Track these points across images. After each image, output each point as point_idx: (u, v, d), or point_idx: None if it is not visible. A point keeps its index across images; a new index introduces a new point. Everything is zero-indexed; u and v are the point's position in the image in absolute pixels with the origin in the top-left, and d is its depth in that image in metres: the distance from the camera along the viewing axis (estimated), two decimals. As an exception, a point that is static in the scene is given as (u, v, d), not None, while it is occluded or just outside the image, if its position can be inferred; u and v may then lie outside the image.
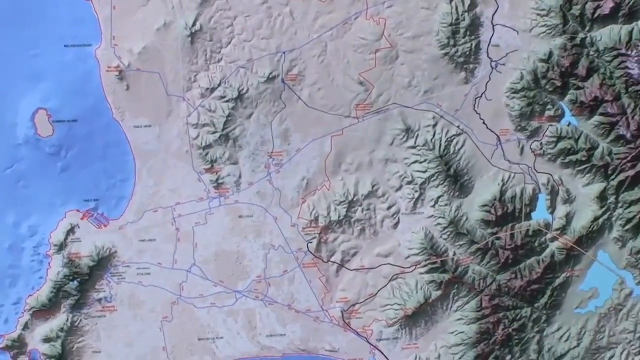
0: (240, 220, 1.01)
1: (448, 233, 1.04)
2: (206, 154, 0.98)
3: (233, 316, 1.03)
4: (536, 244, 1.05)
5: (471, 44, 1.03)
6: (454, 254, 1.04)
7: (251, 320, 1.03)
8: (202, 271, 1.02)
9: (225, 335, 1.03)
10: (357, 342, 1.05)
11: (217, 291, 1.02)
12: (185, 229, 1.00)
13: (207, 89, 0.97)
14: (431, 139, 1.03)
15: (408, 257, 1.04)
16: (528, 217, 1.07)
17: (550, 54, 1.04)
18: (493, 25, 1.03)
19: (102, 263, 1.00)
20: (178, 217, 1.00)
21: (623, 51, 1.05)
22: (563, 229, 1.05)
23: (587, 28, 1.05)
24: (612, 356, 1.11)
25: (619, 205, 1.06)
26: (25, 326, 1.01)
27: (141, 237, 1.00)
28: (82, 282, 0.99)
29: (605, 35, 1.05)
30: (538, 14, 1.02)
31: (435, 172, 1.03)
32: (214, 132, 0.97)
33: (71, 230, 0.98)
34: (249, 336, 1.03)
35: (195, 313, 1.02)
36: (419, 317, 1.06)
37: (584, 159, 1.07)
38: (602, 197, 1.06)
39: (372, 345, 1.05)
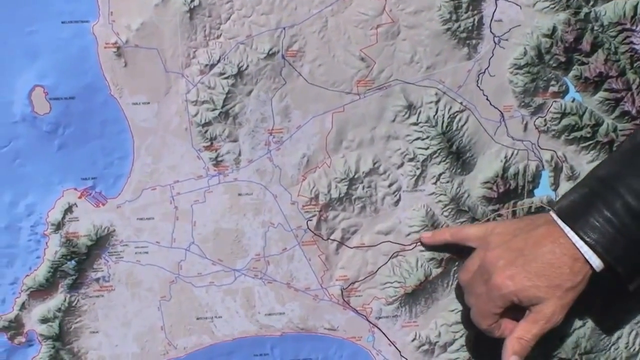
0: (239, 198, 1.06)
1: (449, 210, 1.13)
2: (205, 132, 1.03)
3: (232, 295, 1.08)
4: (538, 221, 1.07)
5: (474, 19, 1.10)
6: (455, 232, 1.06)
7: (250, 299, 1.08)
8: (200, 250, 1.08)
9: (224, 315, 1.09)
10: (357, 321, 1.12)
11: (216, 270, 1.08)
12: (184, 207, 1.04)
13: (207, 65, 1.02)
14: (434, 116, 1.11)
15: (409, 234, 1.13)
16: (531, 194, 1.15)
17: (554, 29, 1.11)
18: (496, 0, 1.12)
19: (100, 242, 1.05)
20: (177, 196, 1.05)
21: (628, 26, 1.13)
22: (566, 207, 1.07)
23: (591, 2, 1.13)
24: (619, 337, 1.20)
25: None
26: (22, 307, 1.05)
27: (139, 215, 1.04)
28: (80, 261, 1.04)
29: (610, 9, 1.12)
30: (541, -12, 1.02)
31: (438, 149, 1.12)
32: (214, 110, 1.03)
33: (69, 209, 1.03)
34: (247, 315, 1.09)
35: (193, 292, 1.08)
36: (419, 294, 1.13)
37: (588, 135, 1.15)
38: (606, 174, 1.06)
39: (371, 323, 1.13)
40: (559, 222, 0.84)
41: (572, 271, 0.82)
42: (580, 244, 0.82)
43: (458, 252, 1.12)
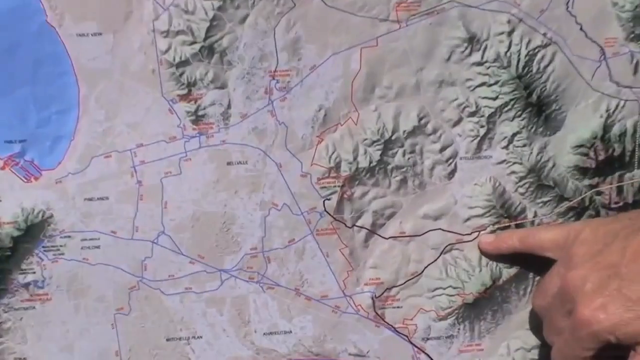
0: (228, 168, 1.09)
1: (527, 185, 1.15)
2: (181, 75, 1.05)
3: (217, 306, 1.11)
4: (654, 201, 1.10)
5: None
6: (535, 215, 1.14)
7: (243, 311, 1.11)
8: (173, 242, 1.11)
9: (206, 334, 1.12)
10: (395, 343, 1.14)
11: (195, 270, 1.11)
12: (151, 182, 1.08)
13: (183, -21, 0.98)
14: (505, 52, 1.13)
15: (468, 219, 1.15)
16: (643, 163, 1.17)
17: None
18: None
19: (32, 232, 1.07)
20: (140, 166, 1.08)
21: None
22: (692, 181, 1.10)
23: None
24: None
25: None
26: None
27: (88, 194, 1.07)
28: (3, 259, 1.06)
29: None
30: None
31: (511, 100, 1.13)
32: (193, 43, 1.05)
33: (-15, 186, 0.99)
34: (239, 334, 1.12)
35: (163, 302, 1.11)
36: (483, 306, 1.16)
37: None
38: None
39: (416, 347, 1.14)
40: None
41: None
42: None
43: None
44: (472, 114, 1.12)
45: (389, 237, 1.12)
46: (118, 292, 1.10)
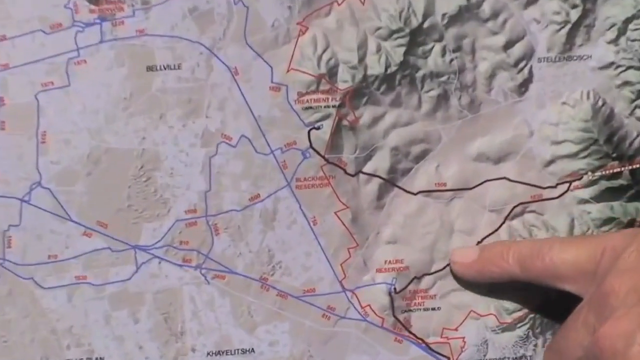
0: (149, 77, 1.05)
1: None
2: None
3: (129, 307, 1.09)
4: None
5: None
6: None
7: (172, 316, 1.09)
8: (56, 200, 1.07)
9: (110, 355, 1.09)
10: None
11: (93, 248, 1.07)
12: (20, 99, 1.04)
13: None
14: None
15: (551, 162, 1.10)
16: None
17: None
18: None
19: None
20: (2, 73, 1.04)
21: None
22: None
23: None
24: None
25: None
26: None
27: None
28: None
29: None
30: None
31: None
32: None
33: None
34: (166, 355, 1.10)
35: (37, 301, 1.08)
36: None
37: None
38: None
39: None
40: None
41: None
42: None
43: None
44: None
45: (418, 193, 1.07)
46: (-38, 282, 1.11)
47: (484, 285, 1.11)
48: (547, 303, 1.09)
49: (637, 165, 1.11)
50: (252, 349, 1.08)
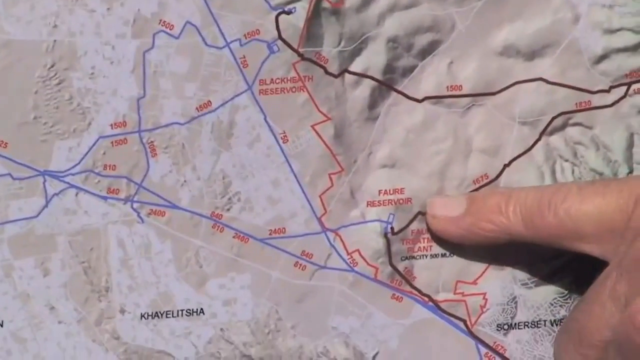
0: None
1: None
2: None
3: (35, 255, 0.98)
4: None
5: None
6: None
7: (94, 266, 0.97)
8: None
9: (11, 317, 0.98)
10: (438, 335, 1.01)
11: None
12: None
13: None
14: None
15: (607, 55, 0.98)
16: None
17: None
18: None
19: None
20: None
21: None
22: None
23: None
24: None
25: None
26: None
27: None
28: None
29: None
30: None
31: None
32: None
33: None
34: (86, 318, 0.98)
35: None
36: None
37: None
38: None
39: (483, 343, 1.01)
40: None
41: None
42: None
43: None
44: None
45: (424, 99, 0.96)
46: None
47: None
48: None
49: None
50: (201, 309, 0.95)
